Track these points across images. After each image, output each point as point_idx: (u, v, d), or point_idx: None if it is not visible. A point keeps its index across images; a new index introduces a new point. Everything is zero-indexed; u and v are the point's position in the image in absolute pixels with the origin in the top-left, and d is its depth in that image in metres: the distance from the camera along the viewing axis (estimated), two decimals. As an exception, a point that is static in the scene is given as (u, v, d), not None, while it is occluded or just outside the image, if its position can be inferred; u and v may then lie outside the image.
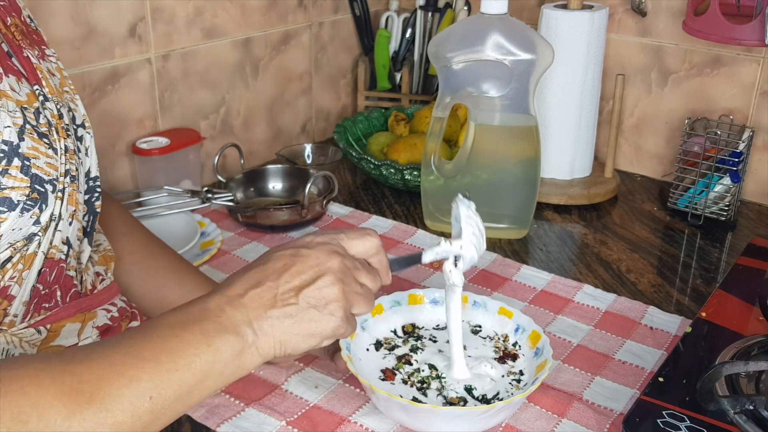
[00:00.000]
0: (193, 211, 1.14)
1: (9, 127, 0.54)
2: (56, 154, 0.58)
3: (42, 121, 0.58)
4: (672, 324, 0.90)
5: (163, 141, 1.15)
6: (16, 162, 0.54)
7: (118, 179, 1.17)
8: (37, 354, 0.58)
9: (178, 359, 0.53)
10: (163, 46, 1.17)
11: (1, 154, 0.53)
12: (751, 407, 0.68)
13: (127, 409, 0.49)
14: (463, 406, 0.71)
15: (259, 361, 0.57)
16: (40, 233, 0.58)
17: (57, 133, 0.59)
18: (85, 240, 0.67)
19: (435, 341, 0.81)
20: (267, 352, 0.58)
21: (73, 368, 0.49)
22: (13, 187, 0.54)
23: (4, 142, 0.54)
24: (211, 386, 0.55)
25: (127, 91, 1.14)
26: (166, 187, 1.13)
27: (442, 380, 0.74)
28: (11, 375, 0.47)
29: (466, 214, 0.72)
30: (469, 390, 0.73)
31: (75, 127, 0.64)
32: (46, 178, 0.57)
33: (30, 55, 0.61)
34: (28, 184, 0.55)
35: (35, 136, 0.56)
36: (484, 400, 0.72)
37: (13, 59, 0.59)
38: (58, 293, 0.63)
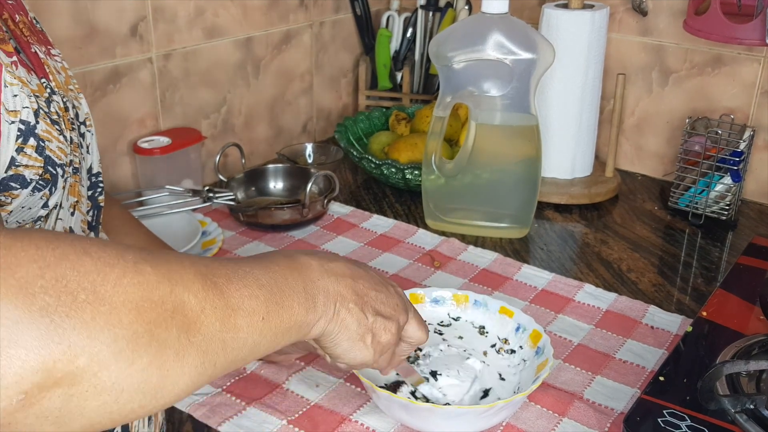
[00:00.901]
0: (194, 210, 1.14)
1: (27, 107, 0.55)
2: (66, 141, 0.59)
3: (52, 109, 0.59)
4: (673, 323, 0.91)
5: (164, 140, 1.15)
6: (32, 141, 0.55)
7: (120, 178, 1.17)
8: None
9: (284, 300, 0.55)
10: (164, 45, 1.17)
11: (18, 133, 0.54)
12: (752, 406, 0.68)
13: (244, 317, 0.50)
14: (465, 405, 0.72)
15: (317, 333, 0.59)
16: (42, 221, 0.59)
17: (64, 123, 0.61)
18: (92, 234, 0.68)
19: (441, 333, 0.82)
20: (327, 333, 0.60)
21: (208, 263, 0.50)
22: (27, 165, 0.55)
23: (22, 122, 0.55)
24: (286, 340, 0.56)
25: (129, 90, 1.14)
26: (168, 187, 1.13)
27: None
28: (156, 252, 0.48)
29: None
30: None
31: (78, 123, 0.65)
32: (57, 161, 0.58)
33: (38, 51, 0.62)
34: (42, 164, 0.56)
35: (48, 121, 0.57)
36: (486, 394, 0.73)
37: (22, 54, 0.59)
38: None
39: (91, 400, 0.40)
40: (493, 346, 0.81)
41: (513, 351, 0.79)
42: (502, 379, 0.77)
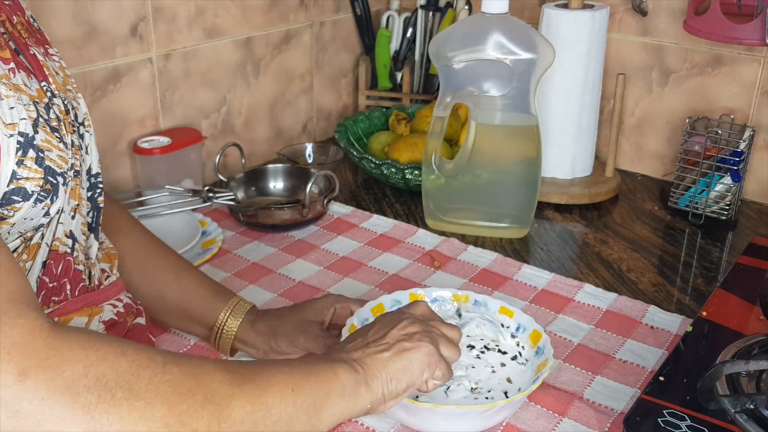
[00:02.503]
0: (194, 210, 1.14)
1: (25, 119, 0.55)
2: (66, 148, 0.59)
3: (52, 115, 0.59)
4: (673, 323, 0.91)
5: (164, 140, 1.15)
6: (32, 153, 0.55)
7: (120, 179, 1.17)
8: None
9: (313, 368, 0.59)
10: (164, 45, 1.17)
11: (18, 146, 0.54)
12: (752, 406, 0.68)
13: (274, 393, 0.54)
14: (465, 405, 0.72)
15: (370, 397, 0.62)
16: (44, 226, 0.59)
17: (65, 128, 0.60)
18: (92, 235, 0.68)
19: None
20: (375, 388, 0.62)
21: (230, 364, 0.55)
22: (28, 178, 0.55)
23: (21, 134, 0.55)
24: (330, 413, 0.59)
25: (129, 90, 1.14)
26: (168, 187, 1.13)
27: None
28: (186, 355, 0.53)
29: None
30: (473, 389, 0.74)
31: (77, 124, 0.65)
32: (58, 170, 0.58)
33: (36, 53, 0.62)
34: (42, 176, 0.56)
35: (48, 129, 0.58)
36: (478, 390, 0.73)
37: (21, 57, 0.59)
38: (68, 287, 0.63)
39: None
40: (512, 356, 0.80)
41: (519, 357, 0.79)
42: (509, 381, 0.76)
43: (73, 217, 0.63)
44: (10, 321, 0.44)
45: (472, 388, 0.74)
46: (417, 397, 0.72)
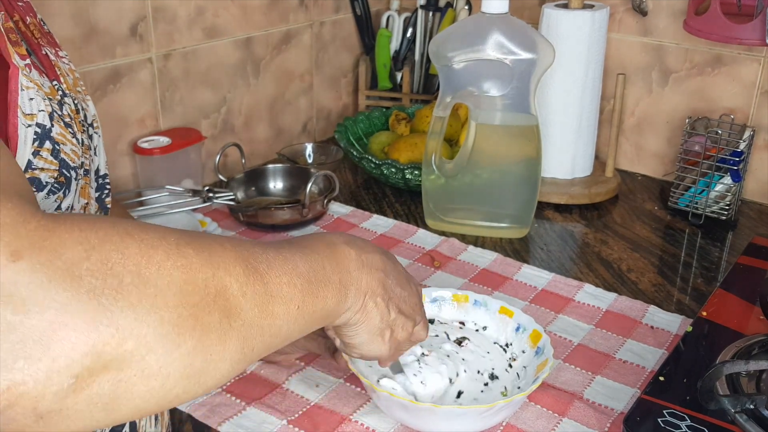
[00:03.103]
0: (194, 210, 1.14)
1: (42, 111, 0.56)
2: (78, 143, 0.60)
3: (65, 112, 0.59)
4: (673, 323, 0.91)
5: (164, 140, 1.15)
6: (48, 145, 0.56)
7: (120, 178, 1.17)
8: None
9: (319, 290, 0.56)
10: (164, 45, 1.17)
11: (35, 136, 0.55)
12: (752, 406, 0.68)
13: (282, 305, 0.51)
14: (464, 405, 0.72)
15: (342, 322, 0.61)
16: None
17: (76, 126, 0.61)
18: None
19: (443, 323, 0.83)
20: (350, 324, 0.62)
21: (249, 247, 0.51)
22: (43, 169, 0.55)
23: (38, 125, 0.55)
24: (314, 327, 0.57)
25: (129, 90, 1.14)
26: (168, 187, 1.13)
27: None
28: (196, 235, 0.48)
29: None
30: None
31: (86, 125, 0.65)
32: (71, 164, 0.58)
33: (48, 53, 0.62)
34: (57, 168, 0.56)
35: (62, 123, 0.58)
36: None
37: (33, 57, 0.60)
38: None
39: (139, 385, 0.40)
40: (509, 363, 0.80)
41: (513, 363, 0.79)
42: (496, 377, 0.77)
43: None
44: None
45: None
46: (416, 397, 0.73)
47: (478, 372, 0.76)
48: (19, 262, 0.37)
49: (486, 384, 0.76)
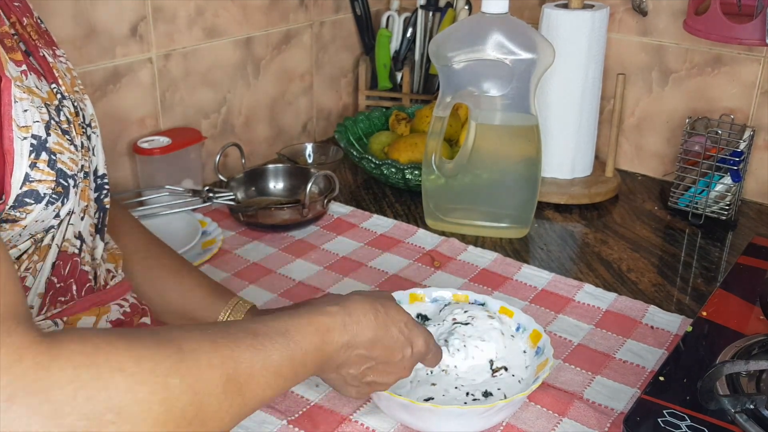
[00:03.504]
0: (194, 210, 1.14)
1: (38, 122, 0.55)
2: (77, 150, 0.60)
3: (62, 117, 0.59)
4: (673, 323, 0.91)
5: (164, 140, 1.15)
6: (44, 156, 0.56)
7: (120, 179, 1.17)
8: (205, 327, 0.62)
9: (297, 379, 0.60)
10: (164, 45, 1.17)
11: (31, 148, 0.55)
12: (752, 406, 0.68)
13: (258, 404, 0.55)
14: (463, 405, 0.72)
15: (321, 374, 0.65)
16: (55, 227, 0.59)
17: (75, 130, 0.61)
18: (98, 236, 0.68)
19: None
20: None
21: (237, 355, 0.54)
22: (40, 180, 0.55)
23: (34, 137, 0.55)
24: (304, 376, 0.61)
25: (129, 90, 1.14)
26: (168, 187, 1.13)
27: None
28: (190, 354, 0.50)
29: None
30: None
31: (85, 125, 0.65)
32: (69, 172, 0.58)
33: (46, 54, 0.62)
34: (54, 178, 0.56)
35: (59, 131, 0.58)
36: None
37: (31, 58, 0.59)
38: (74, 287, 0.64)
39: None
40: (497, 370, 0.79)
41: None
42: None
43: (82, 219, 0.63)
44: None
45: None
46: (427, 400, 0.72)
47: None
48: (12, 406, 0.41)
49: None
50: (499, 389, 0.74)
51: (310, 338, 0.59)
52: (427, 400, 0.71)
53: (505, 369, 0.76)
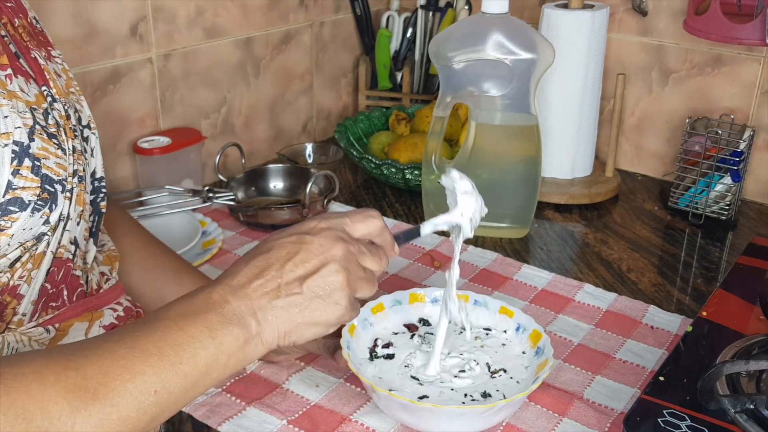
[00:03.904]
0: (194, 210, 1.14)
1: (19, 128, 0.54)
2: (65, 154, 0.59)
3: (51, 121, 0.58)
4: (673, 323, 0.91)
5: (164, 140, 1.15)
6: (27, 162, 0.55)
7: (120, 179, 1.17)
8: (39, 350, 0.58)
9: (182, 352, 0.53)
10: (164, 45, 1.17)
11: (13, 155, 0.54)
12: (752, 406, 0.68)
13: (131, 404, 0.50)
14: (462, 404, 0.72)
15: (262, 351, 0.58)
16: (49, 233, 0.59)
17: (65, 133, 0.60)
18: (91, 240, 0.67)
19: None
20: (270, 342, 0.58)
21: (77, 364, 0.49)
22: (24, 187, 0.54)
23: (15, 143, 0.54)
24: (215, 378, 0.56)
25: (129, 90, 1.14)
26: (168, 187, 1.13)
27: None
28: (15, 372, 0.47)
29: (462, 188, 0.72)
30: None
31: (81, 128, 0.65)
32: (55, 178, 0.57)
33: (37, 56, 0.61)
34: (39, 184, 0.56)
35: (45, 136, 0.57)
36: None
37: (21, 60, 0.59)
38: (65, 292, 0.63)
39: None
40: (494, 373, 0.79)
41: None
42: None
43: (78, 224, 0.63)
44: None
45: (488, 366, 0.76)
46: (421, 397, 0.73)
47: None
48: None
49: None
50: (497, 390, 0.74)
51: (176, 310, 0.56)
52: (421, 398, 0.72)
53: (504, 371, 0.76)
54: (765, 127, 1.21)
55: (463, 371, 0.75)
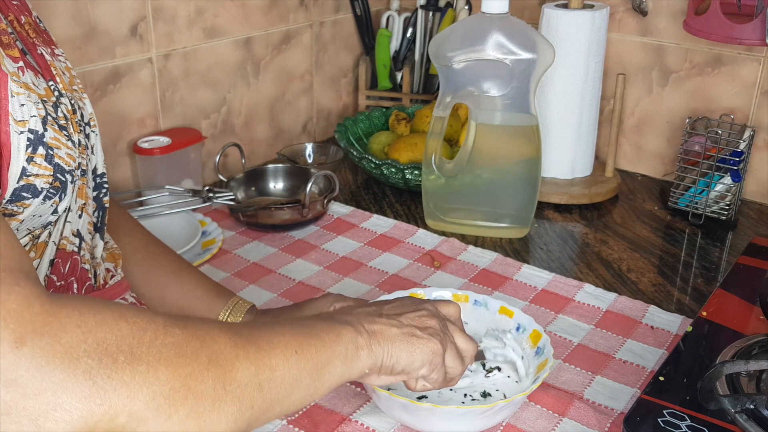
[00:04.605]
0: (194, 210, 1.14)
1: (34, 116, 0.56)
2: (74, 146, 0.60)
3: (60, 114, 0.59)
4: (673, 323, 0.91)
5: (164, 140, 1.15)
6: (41, 150, 0.56)
7: (120, 179, 1.17)
8: None
9: (314, 331, 0.57)
10: (164, 45, 1.17)
11: (28, 142, 0.55)
12: (752, 406, 0.68)
13: (278, 354, 0.53)
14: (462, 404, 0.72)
15: (370, 362, 0.60)
16: (52, 224, 0.60)
17: (72, 127, 0.61)
18: (97, 235, 0.68)
19: None
20: (377, 354, 0.61)
21: (231, 324, 0.54)
22: (37, 175, 0.55)
23: (30, 131, 0.55)
24: (331, 375, 0.58)
25: (129, 90, 1.14)
26: (168, 187, 1.13)
27: None
28: (182, 316, 0.50)
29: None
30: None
31: (83, 124, 0.65)
32: (66, 168, 0.58)
33: (44, 53, 0.62)
34: (51, 173, 0.57)
35: (56, 127, 0.58)
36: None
37: (28, 56, 0.60)
38: (75, 286, 0.64)
39: None
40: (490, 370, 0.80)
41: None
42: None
43: (80, 216, 0.64)
44: (7, 288, 0.42)
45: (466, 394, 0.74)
46: (420, 398, 0.73)
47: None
48: (22, 348, 0.40)
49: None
50: (497, 390, 0.74)
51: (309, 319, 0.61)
52: (421, 398, 0.71)
53: (499, 369, 0.76)
54: (765, 127, 1.21)
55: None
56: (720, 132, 1.17)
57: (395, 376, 0.63)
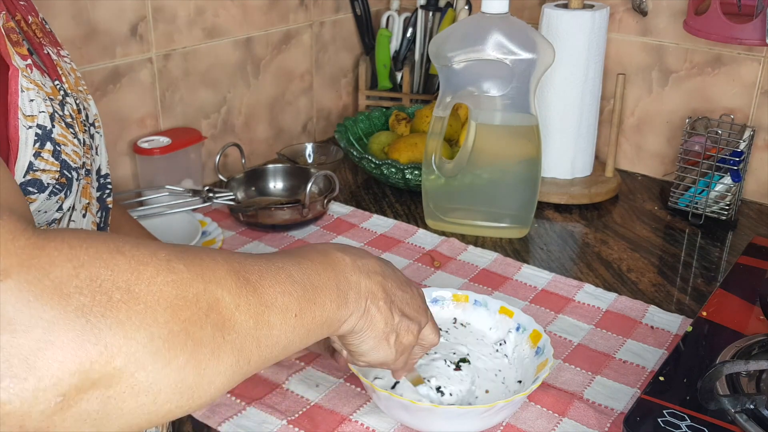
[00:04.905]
0: (194, 210, 1.14)
1: (43, 112, 0.56)
2: (80, 144, 0.60)
3: (66, 112, 0.59)
4: (673, 323, 0.91)
5: (164, 140, 1.15)
6: (49, 146, 0.56)
7: (120, 178, 1.17)
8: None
9: (316, 297, 0.55)
10: (164, 45, 1.17)
11: (36, 137, 0.55)
12: (752, 406, 0.68)
13: (278, 314, 0.50)
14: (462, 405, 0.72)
15: (344, 333, 0.60)
16: (56, 222, 0.60)
17: (77, 126, 0.61)
18: None
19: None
20: (355, 334, 0.61)
21: (241, 259, 0.50)
22: (44, 170, 0.55)
23: (39, 126, 0.55)
24: (322, 334, 0.57)
25: (129, 90, 1.14)
26: (168, 187, 1.13)
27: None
28: (188, 249, 0.47)
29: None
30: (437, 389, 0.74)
31: (88, 125, 0.66)
32: (72, 165, 0.58)
33: (50, 52, 0.63)
34: (58, 169, 0.56)
35: (63, 124, 0.58)
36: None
37: (35, 56, 0.60)
38: None
39: (128, 401, 0.40)
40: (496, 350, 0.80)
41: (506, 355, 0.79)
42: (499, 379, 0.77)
43: (84, 216, 0.64)
44: None
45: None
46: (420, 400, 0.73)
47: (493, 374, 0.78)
48: (7, 281, 0.37)
49: (502, 382, 0.77)
50: (487, 392, 0.75)
51: (317, 257, 0.58)
52: (394, 386, 0.73)
53: (468, 362, 0.77)
54: (765, 127, 1.21)
55: (441, 392, 0.74)
56: (720, 132, 1.17)
57: (347, 347, 0.64)
